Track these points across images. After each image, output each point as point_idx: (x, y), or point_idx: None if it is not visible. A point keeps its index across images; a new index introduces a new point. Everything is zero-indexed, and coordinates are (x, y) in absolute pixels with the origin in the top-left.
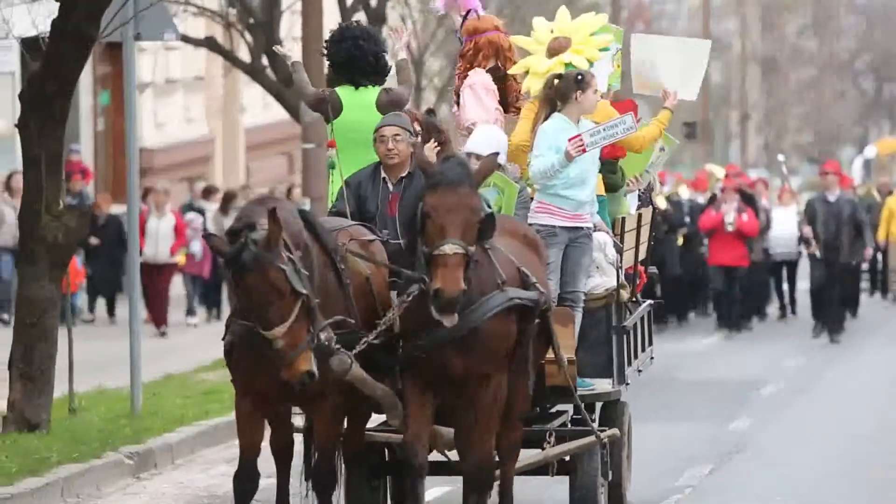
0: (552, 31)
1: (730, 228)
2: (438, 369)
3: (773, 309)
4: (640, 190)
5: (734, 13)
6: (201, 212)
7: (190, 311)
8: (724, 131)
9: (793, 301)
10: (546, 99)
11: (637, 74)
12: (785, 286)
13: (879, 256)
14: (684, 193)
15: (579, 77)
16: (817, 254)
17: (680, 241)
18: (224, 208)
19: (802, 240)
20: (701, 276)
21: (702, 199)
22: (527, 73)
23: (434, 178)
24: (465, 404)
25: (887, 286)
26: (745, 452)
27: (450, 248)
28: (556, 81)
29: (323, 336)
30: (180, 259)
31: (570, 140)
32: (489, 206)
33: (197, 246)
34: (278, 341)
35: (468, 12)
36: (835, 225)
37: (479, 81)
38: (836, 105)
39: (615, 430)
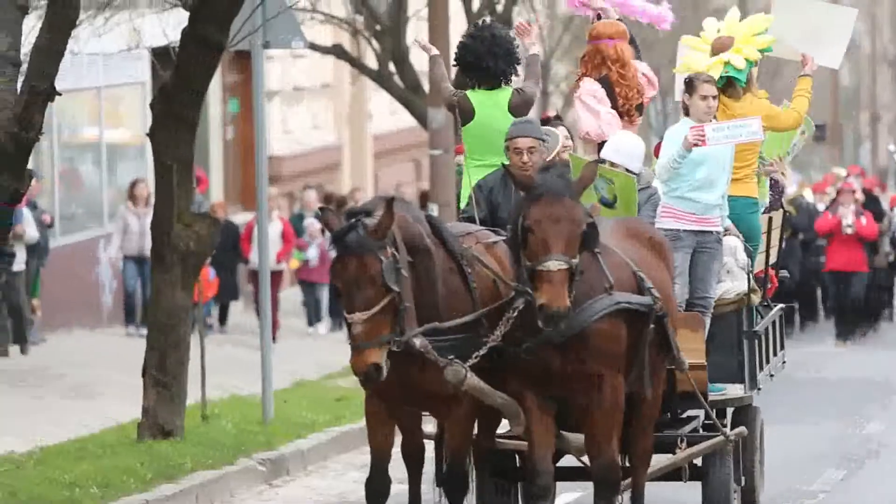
0: (718, 31)
1: (848, 231)
2: (547, 371)
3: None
4: (779, 173)
5: (865, 13)
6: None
7: (310, 321)
8: (855, 133)
9: None
10: (682, 104)
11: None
12: None
13: None
14: (808, 197)
15: (687, 81)
16: None
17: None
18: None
19: None
20: (817, 282)
21: (822, 204)
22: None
23: (535, 191)
24: (585, 408)
25: None
26: (880, 456)
27: (554, 265)
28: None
29: (418, 343)
30: (292, 264)
31: (692, 128)
32: (605, 195)
33: (313, 252)
34: (356, 327)
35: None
36: None
37: (585, 90)
38: None
39: (742, 429)
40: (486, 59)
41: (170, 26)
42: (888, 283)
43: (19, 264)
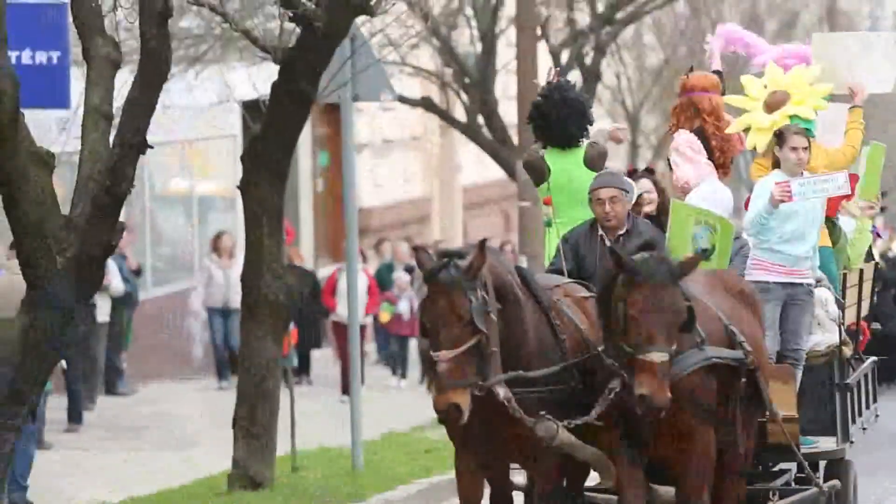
0: (765, 87)
1: None
2: (638, 425)
3: None
4: (878, 211)
5: None
6: (410, 270)
7: (395, 372)
8: None
9: None
10: (773, 156)
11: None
12: None
13: None
14: None
15: (777, 133)
16: None
17: None
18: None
19: None
20: None
21: None
22: (747, 130)
23: (637, 276)
24: (675, 461)
25: None
26: None
27: (657, 356)
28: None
29: (502, 393)
30: (383, 317)
31: (777, 183)
32: (703, 246)
33: (404, 305)
34: (441, 365)
35: (691, 68)
36: None
37: (683, 141)
38: None
39: (836, 482)
40: (556, 123)
41: (260, 79)
42: None
43: (103, 315)
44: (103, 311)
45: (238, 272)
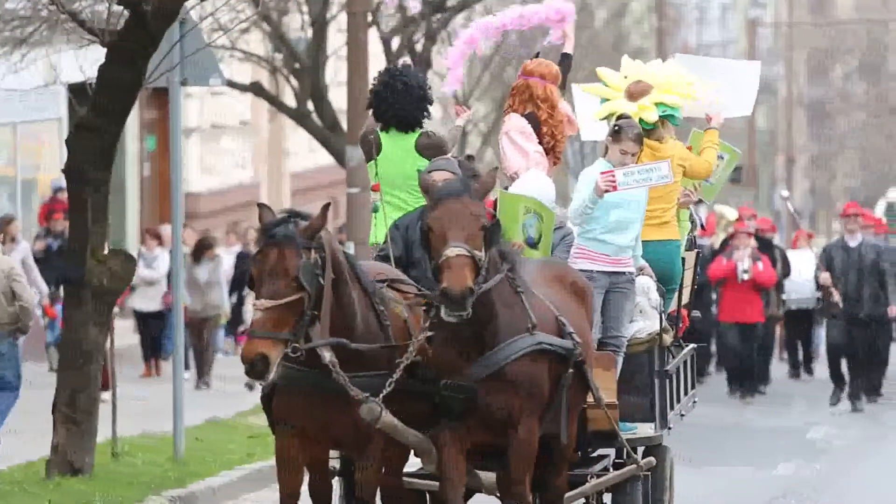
0: (625, 77)
1: (745, 277)
2: (465, 409)
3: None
4: (696, 203)
5: (781, 58)
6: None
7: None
8: (771, 176)
9: (808, 358)
10: (603, 145)
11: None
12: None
13: None
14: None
15: (616, 127)
16: (839, 303)
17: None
18: (197, 256)
19: (819, 287)
20: (709, 332)
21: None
22: (608, 117)
23: (434, 196)
24: (499, 446)
25: None
26: (791, 499)
27: (452, 251)
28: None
29: (327, 357)
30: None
31: (602, 173)
32: (532, 234)
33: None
34: (257, 314)
35: (538, 54)
36: (855, 275)
37: (513, 126)
38: (886, 148)
39: (651, 459)
40: (398, 109)
41: (87, 62)
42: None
43: None
44: None
45: (18, 258)
